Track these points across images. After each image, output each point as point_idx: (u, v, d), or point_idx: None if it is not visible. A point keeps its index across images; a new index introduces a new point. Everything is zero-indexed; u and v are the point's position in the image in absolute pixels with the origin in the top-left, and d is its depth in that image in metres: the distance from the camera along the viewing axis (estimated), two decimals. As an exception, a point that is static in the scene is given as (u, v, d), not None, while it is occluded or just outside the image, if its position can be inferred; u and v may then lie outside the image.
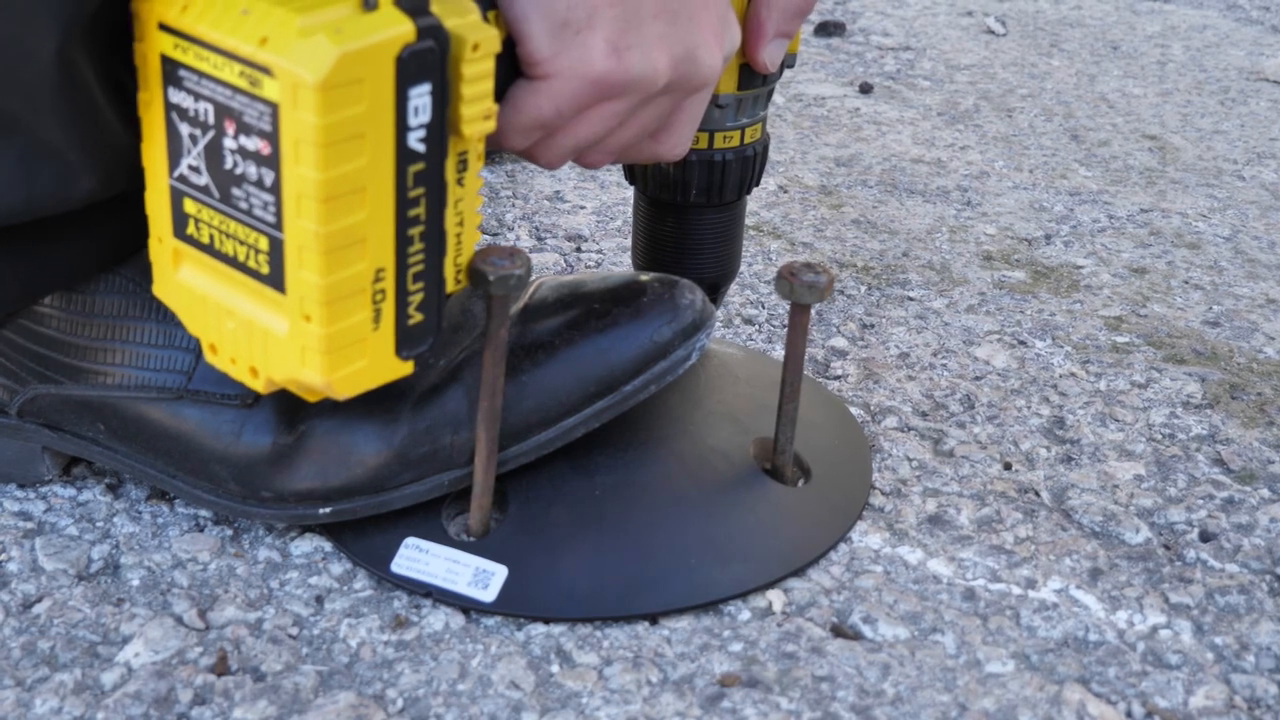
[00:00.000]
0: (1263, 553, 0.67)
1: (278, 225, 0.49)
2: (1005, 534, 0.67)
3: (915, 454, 0.73)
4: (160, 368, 0.62)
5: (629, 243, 1.01)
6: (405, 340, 0.53)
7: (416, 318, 0.53)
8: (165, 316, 0.62)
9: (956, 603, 0.62)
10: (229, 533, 0.64)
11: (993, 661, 0.58)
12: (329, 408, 0.61)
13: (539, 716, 0.54)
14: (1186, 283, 0.99)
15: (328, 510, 0.61)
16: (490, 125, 0.52)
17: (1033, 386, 0.82)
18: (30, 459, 0.66)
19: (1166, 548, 0.67)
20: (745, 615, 0.60)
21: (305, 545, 0.64)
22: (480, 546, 0.61)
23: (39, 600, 0.60)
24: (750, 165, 0.70)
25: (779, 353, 0.84)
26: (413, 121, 0.49)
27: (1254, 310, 0.95)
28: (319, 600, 0.60)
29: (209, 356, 0.56)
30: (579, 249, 1.00)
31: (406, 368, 0.54)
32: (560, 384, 0.62)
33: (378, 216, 0.50)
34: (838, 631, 0.59)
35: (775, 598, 0.61)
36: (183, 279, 0.55)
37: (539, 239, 1.01)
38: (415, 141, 0.50)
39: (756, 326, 0.88)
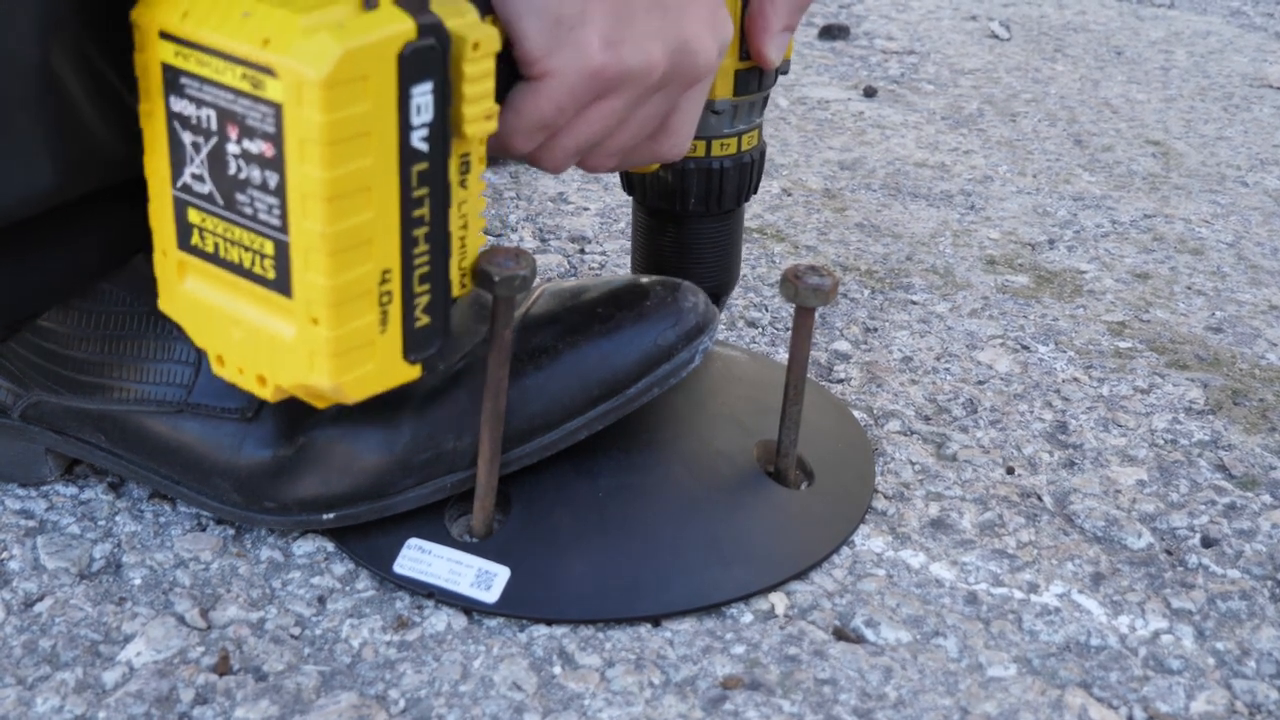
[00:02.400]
0: (1264, 558, 0.67)
1: (283, 228, 0.49)
2: (1007, 538, 0.67)
3: (918, 458, 0.73)
4: (160, 381, 0.62)
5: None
6: (412, 343, 0.53)
7: (423, 320, 0.53)
8: (163, 331, 0.62)
9: (959, 606, 0.62)
10: (231, 532, 0.64)
11: (995, 665, 0.58)
12: (329, 417, 0.61)
13: (541, 718, 0.54)
14: (1189, 288, 0.99)
15: (331, 516, 0.61)
16: (492, 125, 0.52)
17: (1035, 391, 0.82)
18: (33, 460, 0.66)
19: (1168, 553, 0.67)
20: (748, 618, 0.60)
21: (307, 545, 0.64)
22: (483, 548, 0.61)
23: (41, 599, 0.60)
24: (748, 172, 0.70)
25: (782, 355, 0.84)
26: (415, 120, 0.49)
27: (1256, 316, 0.95)
28: (321, 600, 0.60)
29: (216, 368, 0.55)
30: (582, 250, 1.00)
31: (414, 372, 0.54)
32: (563, 387, 0.62)
33: (383, 217, 0.50)
34: (840, 634, 0.59)
35: (778, 600, 0.61)
36: (188, 291, 0.55)
37: (543, 240, 1.01)
38: (418, 140, 0.50)
39: (760, 329, 0.88)
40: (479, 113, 0.51)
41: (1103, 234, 1.08)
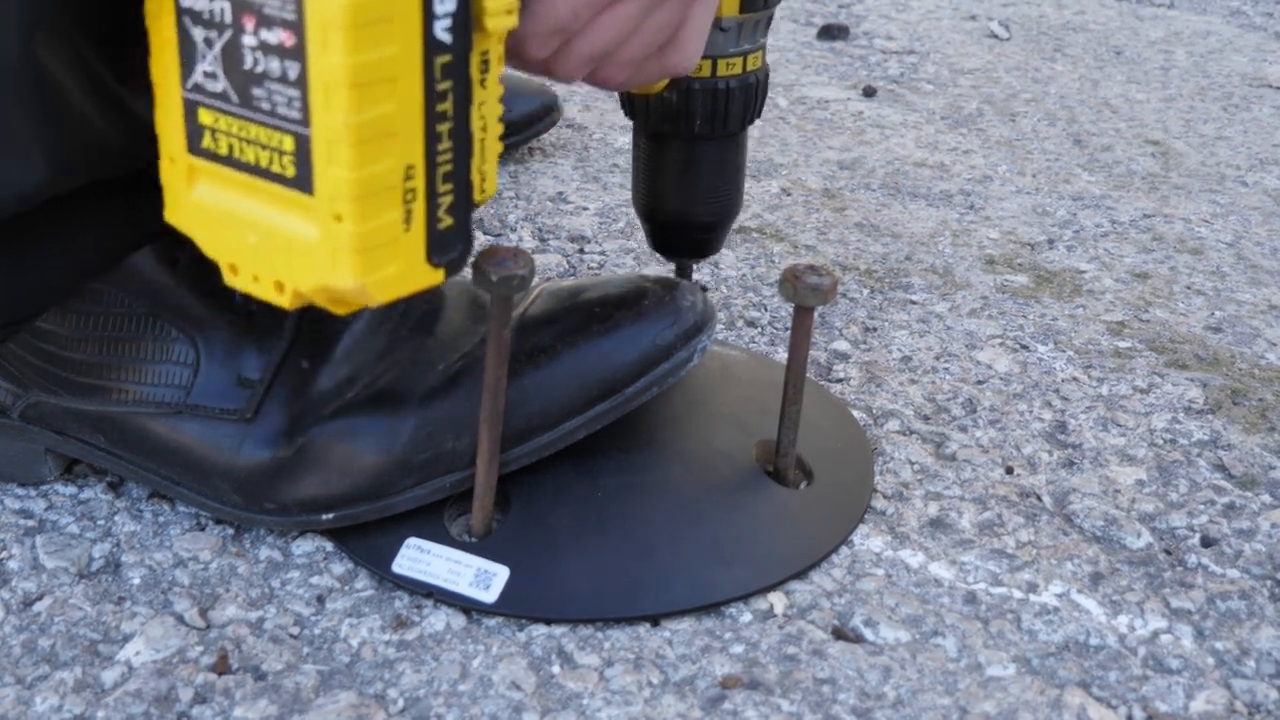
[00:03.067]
0: (1263, 558, 0.67)
1: (304, 121, 0.47)
2: (1007, 538, 0.67)
3: (917, 457, 0.73)
4: (158, 383, 0.62)
5: (632, 244, 1.01)
6: (436, 245, 0.51)
7: (446, 221, 0.51)
8: (161, 332, 0.62)
9: (958, 606, 0.62)
10: (230, 532, 0.64)
11: (994, 665, 0.58)
12: (327, 417, 0.61)
13: (540, 717, 0.54)
14: (1189, 288, 0.99)
15: (330, 516, 0.61)
16: (513, 20, 0.51)
17: (1034, 391, 0.82)
18: (33, 460, 0.66)
19: (1168, 553, 0.67)
20: (747, 617, 0.60)
21: (307, 545, 0.64)
22: (482, 547, 0.61)
23: (40, 598, 0.60)
24: (753, 93, 0.70)
25: (781, 355, 0.84)
26: (439, 9, 0.48)
27: (1256, 316, 0.95)
28: (320, 600, 0.60)
29: (229, 278, 0.53)
30: (582, 250, 1.00)
31: (437, 275, 0.52)
32: (562, 386, 0.62)
33: (407, 109, 0.48)
34: (839, 634, 0.59)
35: (777, 600, 0.61)
36: (198, 198, 0.52)
37: (542, 240, 1.01)
38: (442, 31, 0.48)
39: (759, 329, 0.88)
40: (500, 6, 0.50)
41: (1102, 234, 1.08)
